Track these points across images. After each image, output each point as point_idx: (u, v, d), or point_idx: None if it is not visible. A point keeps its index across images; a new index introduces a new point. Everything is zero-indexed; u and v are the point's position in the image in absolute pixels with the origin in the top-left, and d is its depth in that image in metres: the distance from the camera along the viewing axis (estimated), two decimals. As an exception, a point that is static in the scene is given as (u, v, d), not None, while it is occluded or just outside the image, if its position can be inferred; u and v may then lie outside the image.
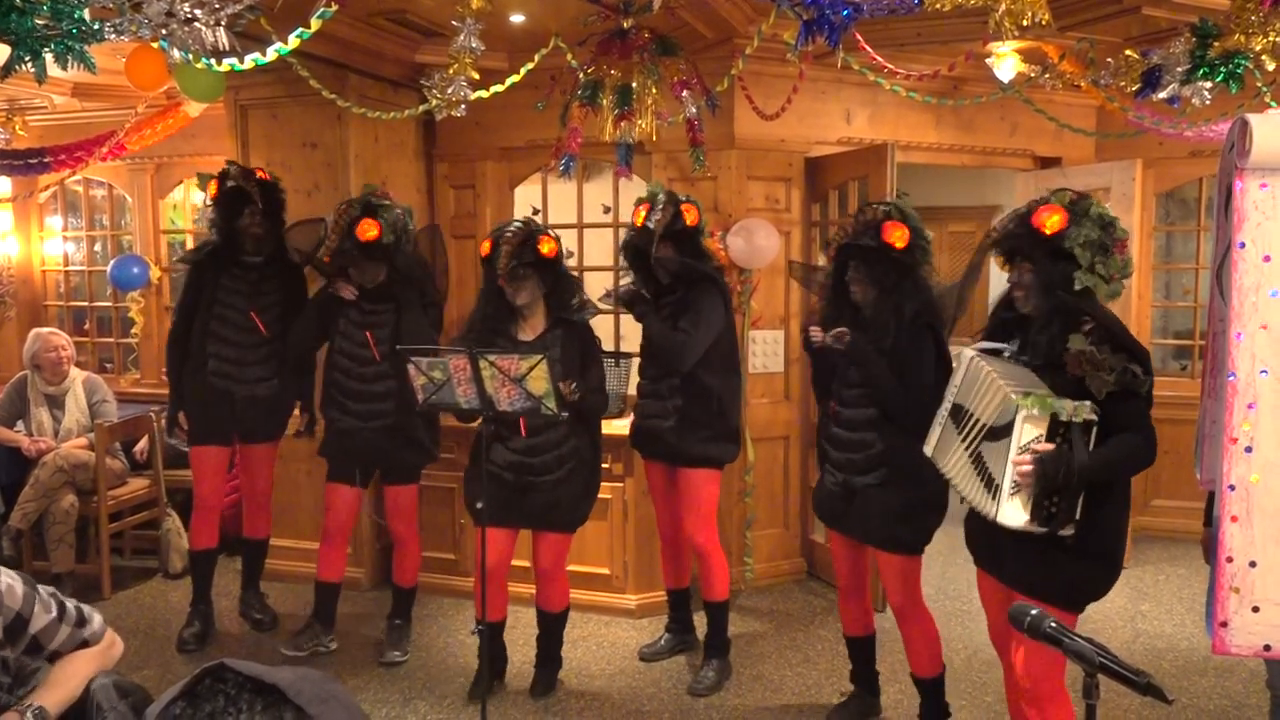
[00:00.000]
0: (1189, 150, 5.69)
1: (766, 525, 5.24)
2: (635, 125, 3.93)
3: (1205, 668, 4.15)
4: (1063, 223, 2.65)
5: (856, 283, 3.36)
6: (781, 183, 5.22)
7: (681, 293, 3.91)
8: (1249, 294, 1.80)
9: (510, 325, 3.64)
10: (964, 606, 4.92)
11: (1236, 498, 1.85)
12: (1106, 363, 2.48)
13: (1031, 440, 2.49)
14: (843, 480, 3.40)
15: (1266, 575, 1.83)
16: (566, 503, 3.66)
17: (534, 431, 3.55)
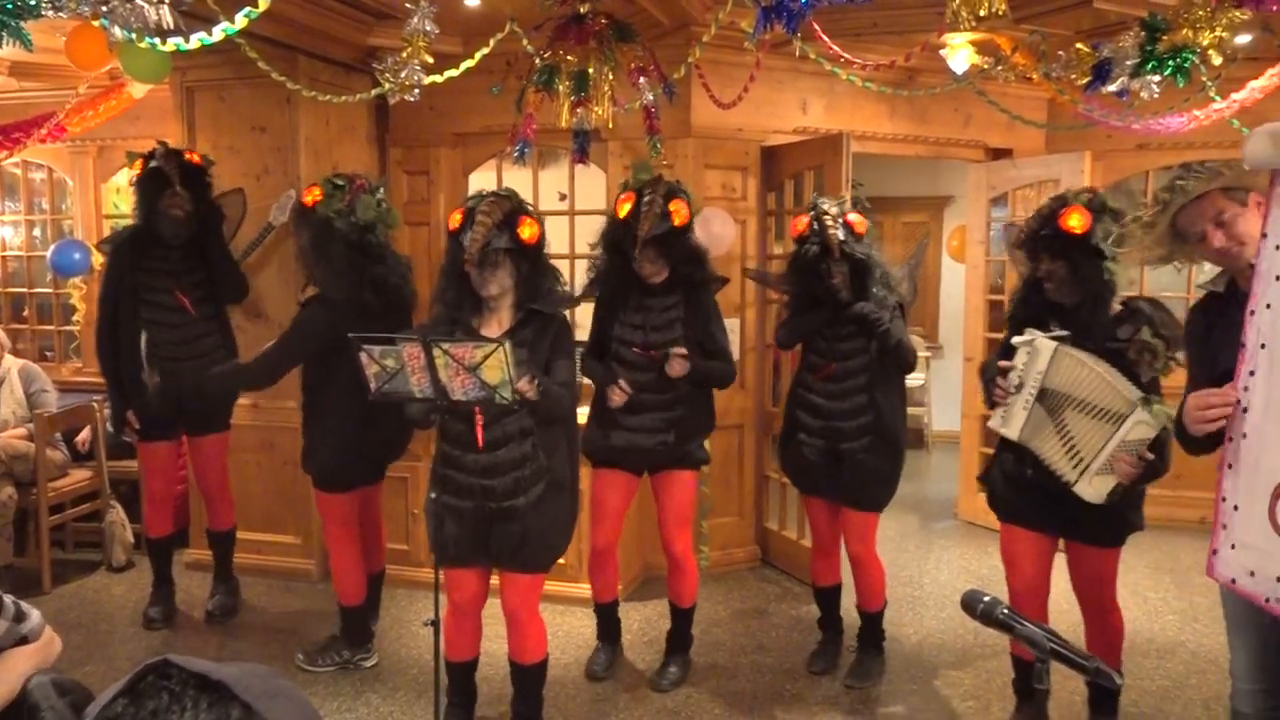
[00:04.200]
0: (1136, 143, 5.80)
1: (721, 514, 5.26)
2: (592, 112, 3.91)
3: (1148, 649, 4.25)
4: (1088, 222, 2.97)
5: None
6: (738, 171, 5.22)
7: (680, 296, 3.73)
8: (1265, 277, 2.03)
9: (473, 317, 3.15)
10: (915, 592, 4.99)
11: (1231, 449, 2.11)
12: (1162, 354, 2.87)
13: (1138, 441, 2.81)
14: (824, 445, 3.72)
15: (1243, 520, 2.06)
16: (536, 537, 3.09)
17: (492, 445, 3.02)
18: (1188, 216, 2.54)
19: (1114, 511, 3.00)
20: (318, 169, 4.93)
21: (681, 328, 3.72)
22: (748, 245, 5.24)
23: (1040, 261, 3.05)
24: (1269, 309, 2.00)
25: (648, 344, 3.72)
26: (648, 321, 3.73)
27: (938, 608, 4.75)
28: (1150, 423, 2.80)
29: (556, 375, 3.10)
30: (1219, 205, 2.49)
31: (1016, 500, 3.22)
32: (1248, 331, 2.05)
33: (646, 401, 3.71)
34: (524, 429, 3.04)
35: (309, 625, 4.46)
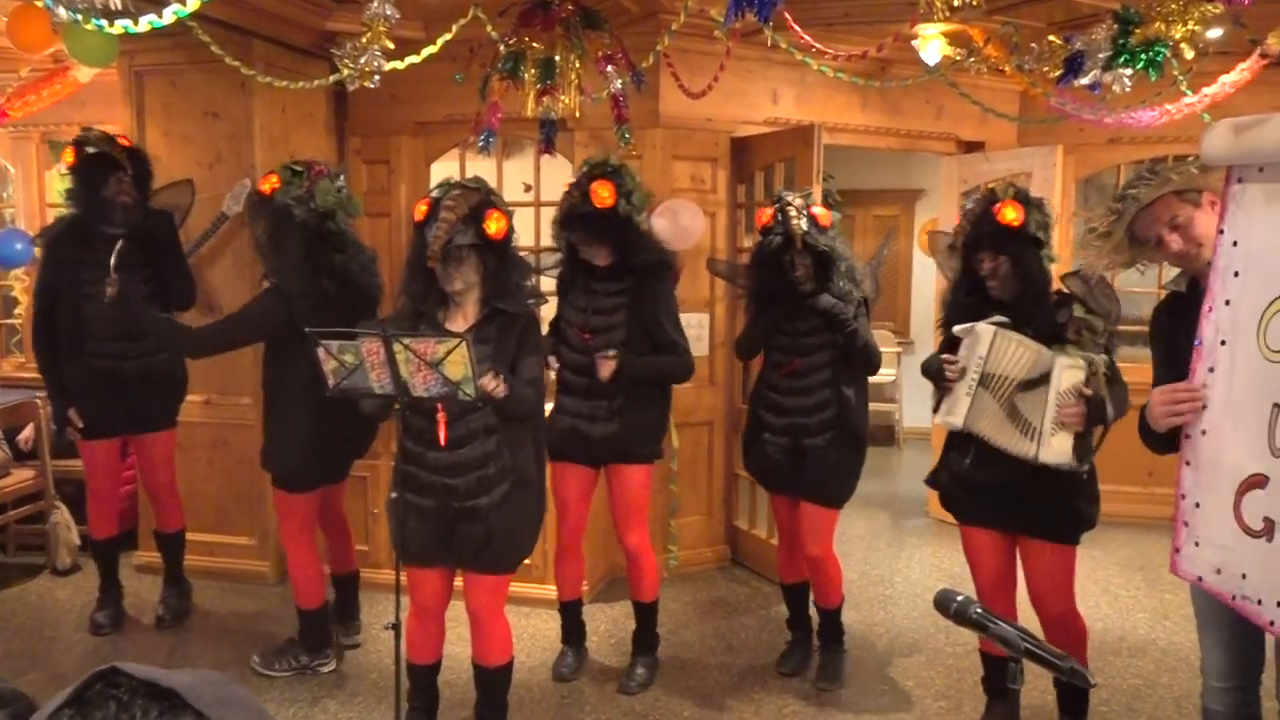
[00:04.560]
0: (1108, 137, 5.88)
1: (690, 512, 5.27)
2: (558, 101, 3.89)
3: (1119, 648, 4.32)
4: (1022, 214, 3.06)
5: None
6: (707, 163, 5.23)
7: (628, 284, 3.75)
8: (1222, 274, 2.06)
9: (439, 310, 3.13)
10: (886, 591, 5.03)
11: (1190, 445, 2.14)
12: (1103, 329, 2.97)
13: (1071, 386, 2.90)
14: (788, 443, 3.76)
15: (1207, 517, 2.10)
16: (501, 537, 3.07)
17: (455, 443, 2.99)
18: (1142, 223, 2.59)
19: (1066, 505, 3.05)
20: (273, 157, 4.87)
21: (626, 315, 3.74)
22: (717, 238, 5.25)
23: (982, 260, 3.11)
24: (1228, 305, 2.03)
25: (586, 326, 3.76)
26: (591, 305, 3.79)
27: (909, 607, 4.79)
28: (1075, 365, 2.90)
29: (523, 373, 3.08)
30: (1173, 209, 2.54)
31: (966, 499, 3.26)
32: (1204, 328, 2.09)
33: (584, 385, 3.75)
34: (488, 426, 3.02)
35: (264, 629, 4.41)
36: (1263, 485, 1.92)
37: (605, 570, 5.02)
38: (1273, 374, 1.90)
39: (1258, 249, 1.94)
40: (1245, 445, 1.97)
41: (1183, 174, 2.52)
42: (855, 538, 5.87)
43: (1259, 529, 1.92)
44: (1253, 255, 1.95)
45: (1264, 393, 1.93)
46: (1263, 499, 1.92)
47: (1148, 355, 2.77)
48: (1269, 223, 1.92)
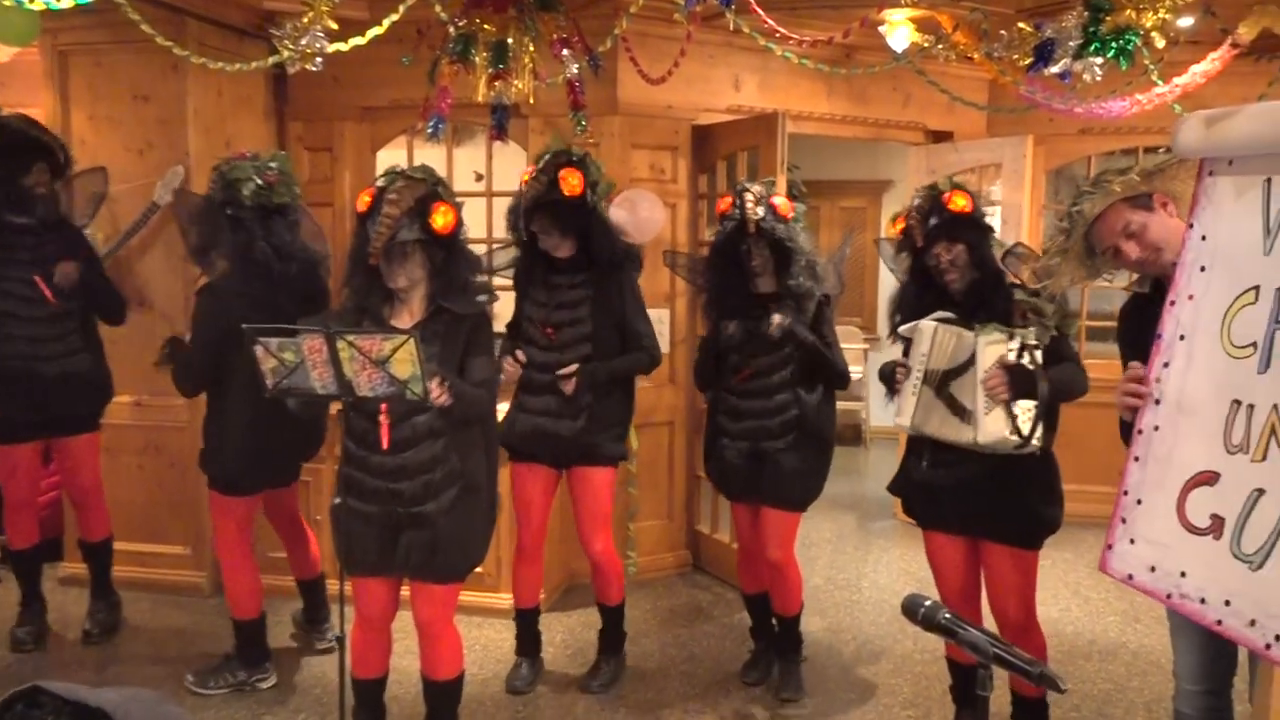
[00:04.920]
0: (1079, 127, 5.97)
1: (650, 516, 5.28)
2: (511, 85, 3.87)
3: (1090, 652, 4.40)
4: (970, 201, 3.16)
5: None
6: (667, 151, 5.24)
7: (590, 277, 3.77)
8: (1189, 268, 2.10)
9: (383, 306, 3.10)
10: (853, 596, 5.08)
11: (1141, 441, 2.18)
12: (1046, 311, 3.01)
13: (997, 361, 2.95)
14: (748, 448, 3.76)
15: (1147, 514, 2.14)
16: (450, 544, 3.06)
17: (400, 446, 2.96)
18: (1097, 235, 2.66)
19: (1026, 508, 3.08)
20: (208, 144, 4.81)
21: (590, 309, 3.76)
22: (678, 231, 5.26)
23: (938, 253, 3.15)
24: (1191, 300, 2.08)
25: (549, 322, 3.77)
26: (553, 299, 3.80)
27: (876, 612, 4.84)
28: (996, 340, 2.96)
29: (472, 373, 3.06)
30: (1124, 218, 2.61)
31: (926, 504, 3.30)
32: (1165, 322, 2.13)
33: (549, 383, 3.75)
34: (434, 429, 3.00)
35: (199, 644, 4.35)
36: (1212, 482, 1.97)
37: (562, 578, 5.02)
38: (1234, 370, 1.94)
39: (1225, 243, 1.99)
40: (1198, 441, 2.02)
41: (1125, 182, 2.59)
42: (821, 541, 5.92)
43: (1204, 527, 1.97)
44: (1220, 250, 2.00)
45: (1223, 389, 1.97)
46: (1211, 496, 1.97)
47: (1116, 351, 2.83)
48: (1237, 217, 1.96)
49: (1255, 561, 1.83)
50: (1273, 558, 1.79)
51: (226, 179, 3.69)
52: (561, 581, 5.02)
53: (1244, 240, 1.91)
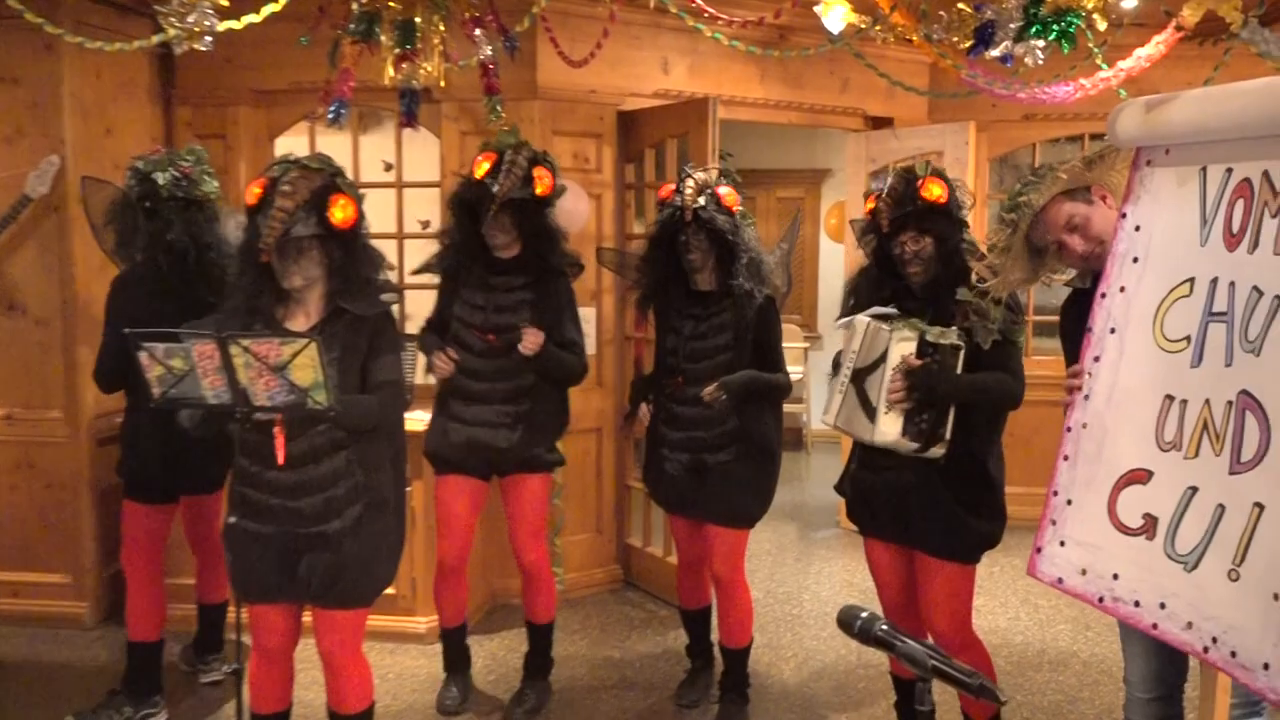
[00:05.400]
0: (1022, 113, 6.11)
1: (578, 530, 5.28)
2: (419, 68, 3.85)
3: (1040, 662, 4.50)
4: (946, 190, 3.14)
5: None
6: (591, 139, 5.24)
7: (531, 279, 3.76)
8: (1120, 259, 2.16)
9: (276, 307, 3.03)
10: (794, 610, 5.13)
11: (1070, 439, 2.24)
12: (991, 313, 2.98)
13: (903, 361, 2.98)
14: (688, 460, 3.75)
15: (1076, 515, 2.20)
16: (355, 567, 2.99)
17: (298, 460, 2.90)
18: (1039, 231, 2.72)
19: (960, 518, 3.09)
20: (86, 131, 4.69)
21: (530, 314, 3.75)
22: (603, 223, 5.27)
23: (904, 242, 3.15)
24: (1122, 292, 2.13)
25: (488, 326, 3.74)
26: (491, 302, 3.76)
27: (818, 626, 4.90)
28: (907, 336, 3.00)
29: (376, 375, 3.03)
30: (1067, 211, 2.67)
31: (862, 509, 3.34)
32: (1096, 315, 2.19)
33: (486, 391, 3.73)
34: (336, 440, 2.95)
35: (82, 681, 4.23)
36: (1144, 481, 2.03)
37: (485, 598, 4.99)
38: (1166, 365, 2.00)
39: (1160, 235, 2.05)
40: (1130, 439, 2.07)
41: (1070, 169, 2.65)
42: (761, 553, 5.97)
43: (1137, 527, 2.02)
44: (1155, 242, 2.06)
45: (1155, 384, 2.02)
46: (1144, 495, 2.03)
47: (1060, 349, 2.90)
48: (1174, 208, 2.02)
49: (1189, 562, 1.89)
50: (1207, 557, 1.85)
51: (142, 173, 3.68)
52: (485, 602, 4.98)
53: (1181, 231, 1.97)
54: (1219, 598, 1.82)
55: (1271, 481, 1.73)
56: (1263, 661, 1.71)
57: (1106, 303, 2.17)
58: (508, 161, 3.65)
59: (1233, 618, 1.78)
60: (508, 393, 3.74)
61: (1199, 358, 1.90)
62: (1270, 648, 1.70)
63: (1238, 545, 1.78)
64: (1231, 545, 1.79)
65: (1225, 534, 1.81)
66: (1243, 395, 1.79)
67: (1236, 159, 1.85)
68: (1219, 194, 1.87)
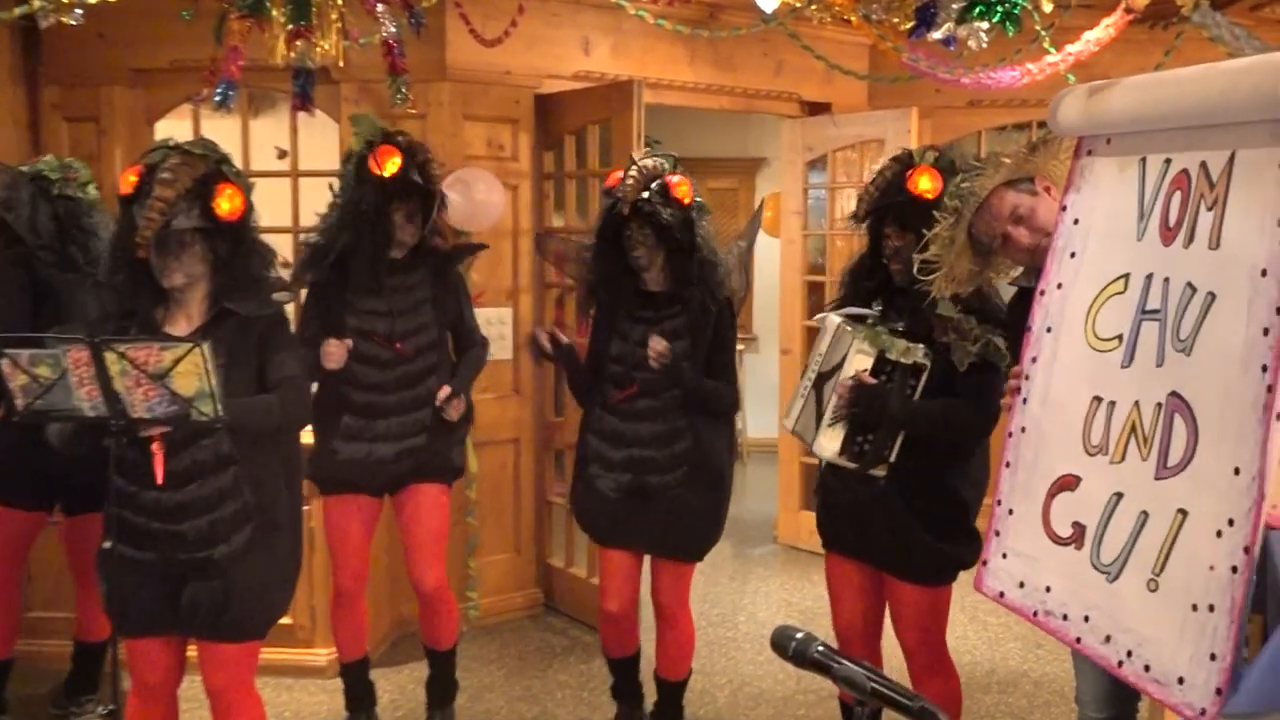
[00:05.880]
0: (967, 99, 6.25)
1: (494, 550, 5.27)
2: (315, 46, 3.81)
3: (989, 683, 4.61)
4: (939, 185, 3.08)
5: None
6: (507, 124, 5.24)
7: (427, 273, 3.79)
8: (1059, 254, 2.23)
9: (155, 308, 2.98)
10: (729, 634, 5.19)
11: (1011, 445, 2.30)
12: (973, 332, 2.98)
13: (859, 371, 3.04)
14: (629, 482, 3.64)
15: (1017, 525, 2.25)
16: (244, 595, 2.97)
17: (180, 478, 2.86)
18: (983, 223, 2.77)
19: (924, 541, 3.13)
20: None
21: (432, 313, 3.78)
22: (520, 216, 5.28)
23: (888, 236, 3.16)
24: (1060, 289, 2.20)
25: (393, 334, 3.72)
26: (393, 306, 3.74)
27: (755, 650, 4.95)
28: (865, 349, 3.03)
29: (272, 373, 3.01)
30: (1011, 202, 2.74)
31: (828, 521, 3.39)
32: (1035, 314, 2.26)
33: (391, 404, 3.72)
34: (222, 456, 2.92)
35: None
36: (1073, 487, 2.10)
37: (388, 628, 4.96)
38: (1097, 364, 2.07)
39: (1098, 229, 2.13)
40: (1061, 443, 2.14)
41: (1014, 154, 2.73)
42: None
43: (1066, 536, 2.09)
44: (1092, 235, 2.14)
45: (1084, 385, 2.10)
46: (1072, 502, 2.10)
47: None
48: (1113, 201, 2.10)
49: (1112, 572, 1.96)
50: (1129, 567, 1.92)
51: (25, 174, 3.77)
52: (389, 631, 4.96)
53: (1118, 225, 2.05)
54: (1137, 609, 1.88)
55: (1196, 487, 1.79)
56: (1177, 676, 1.77)
57: (1045, 300, 2.24)
58: (421, 158, 3.71)
59: (1149, 630, 1.84)
60: (413, 401, 3.75)
61: (1130, 358, 1.97)
62: (1185, 661, 1.75)
63: (1158, 554, 1.84)
64: (1152, 554, 1.86)
65: (1146, 542, 1.88)
66: (1172, 397, 1.86)
67: (1175, 149, 1.92)
68: (1157, 186, 1.95)
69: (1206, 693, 1.70)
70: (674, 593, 3.81)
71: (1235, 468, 1.70)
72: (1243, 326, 1.72)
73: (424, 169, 3.72)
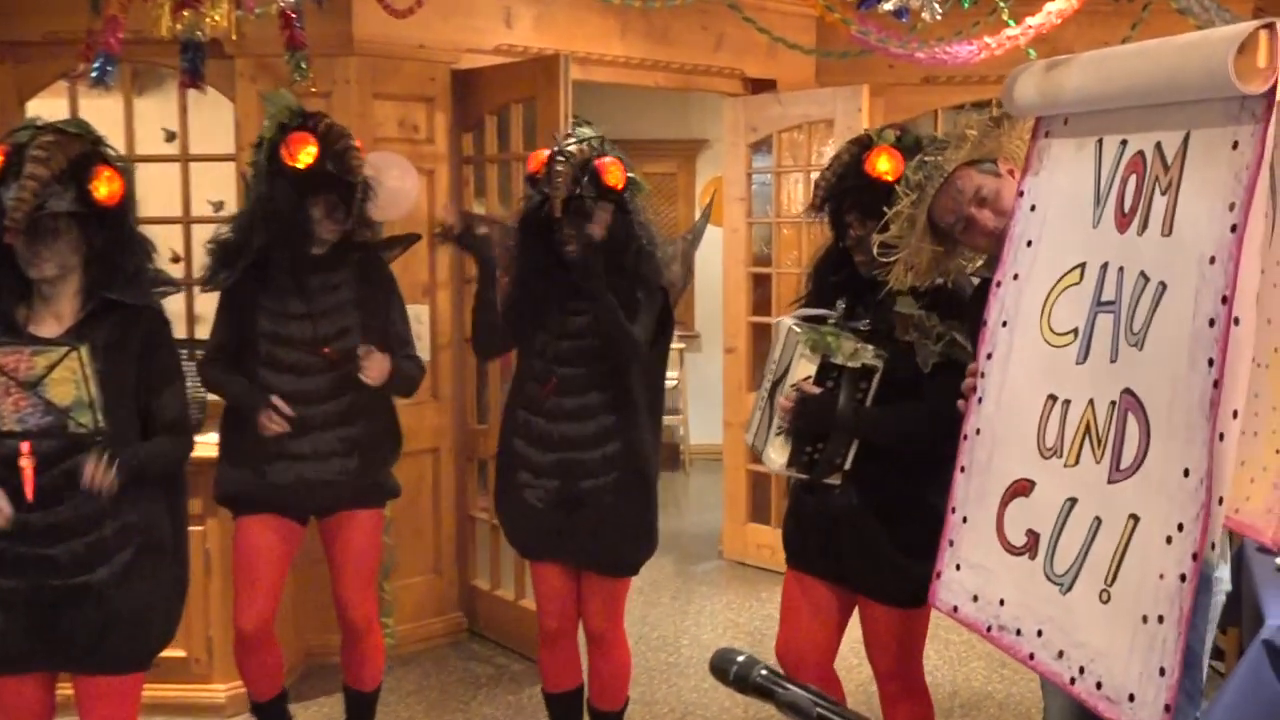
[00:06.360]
0: (922, 75, 6.32)
1: (412, 571, 5.24)
2: (204, 17, 3.78)
3: (951, 706, 4.69)
4: (898, 166, 3.06)
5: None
6: (421, 103, 5.23)
7: (351, 271, 3.74)
8: (1016, 242, 2.26)
9: (18, 306, 2.93)
10: (671, 659, 5.23)
11: (966, 447, 2.32)
12: (935, 330, 2.98)
13: (802, 378, 3.06)
14: (558, 489, 3.63)
15: (971, 534, 2.28)
16: (125, 624, 2.95)
17: (51, 497, 2.83)
18: (945, 206, 2.80)
19: (896, 563, 3.11)
20: None
21: (358, 314, 3.73)
22: (436, 204, 5.25)
23: (850, 225, 3.15)
24: (1015, 280, 2.24)
25: (318, 339, 3.67)
26: (315, 307, 3.69)
27: (699, 676, 4.98)
28: (809, 355, 3.05)
29: (162, 413, 3.03)
30: (976, 181, 2.77)
31: (794, 534, 3.38)
32: (990, 307, 2.29)
33: (318, 417, 3.66)
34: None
35: None
36: (1027, 492, 2.13)
37: (298, 658, 4.92)
38: (1051, 360, 2.10)
39: (1055, 215, 2.17)
40: (1015, 445, 2.17)
41: (979, 127, 2.76)
42: (631, 590, 5.91)
43: (1020, 545, 2.12)
44: (1049, 222, 2.18)
45: (1040, 383, 2.12)
46: (1026, 508, 2.13)
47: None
48: (1069, 185, 2.13)
49: (1065, 583, 1.99)
50: (1082, 577, 1.95)
51: None
52: (298, 663, 4.92)
53: (1074, 211, 2.09)
54: (1089, 621, 1.91)
55: (1147, 491, 1.82)
56: (1128, 692, 1.79)
57: (1001, 292, 2.27)
58: (334, 129, 3.65)
59: (1101, 643, 1.87)
60: (340, 414, 3.69)
61: (1085, 353, 2.00)
62: (1136, 677, 1.78)
63: (1110, 562, 1.87)
64: (1105, 562, 1.89)
65: (1099, 551, 1.91)
66: (1125, 394, 1.89)
67: (1130, 129, 1.95)
68: (1113, 169, 1.98)
69: (1155, 711, 1.73)
70: (607, 613, 3.80)
71: (1185, 469, 1.73)
72: (1190, 318, 1.75)
73: (342, 158, 3.62)
